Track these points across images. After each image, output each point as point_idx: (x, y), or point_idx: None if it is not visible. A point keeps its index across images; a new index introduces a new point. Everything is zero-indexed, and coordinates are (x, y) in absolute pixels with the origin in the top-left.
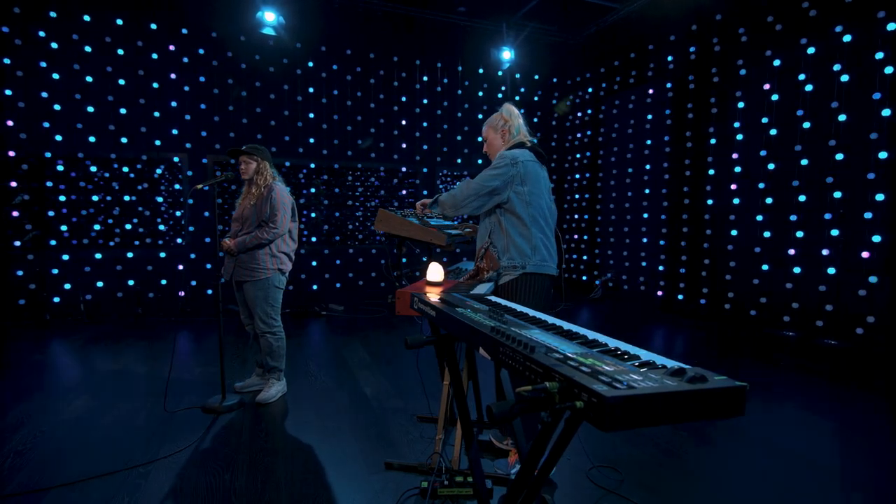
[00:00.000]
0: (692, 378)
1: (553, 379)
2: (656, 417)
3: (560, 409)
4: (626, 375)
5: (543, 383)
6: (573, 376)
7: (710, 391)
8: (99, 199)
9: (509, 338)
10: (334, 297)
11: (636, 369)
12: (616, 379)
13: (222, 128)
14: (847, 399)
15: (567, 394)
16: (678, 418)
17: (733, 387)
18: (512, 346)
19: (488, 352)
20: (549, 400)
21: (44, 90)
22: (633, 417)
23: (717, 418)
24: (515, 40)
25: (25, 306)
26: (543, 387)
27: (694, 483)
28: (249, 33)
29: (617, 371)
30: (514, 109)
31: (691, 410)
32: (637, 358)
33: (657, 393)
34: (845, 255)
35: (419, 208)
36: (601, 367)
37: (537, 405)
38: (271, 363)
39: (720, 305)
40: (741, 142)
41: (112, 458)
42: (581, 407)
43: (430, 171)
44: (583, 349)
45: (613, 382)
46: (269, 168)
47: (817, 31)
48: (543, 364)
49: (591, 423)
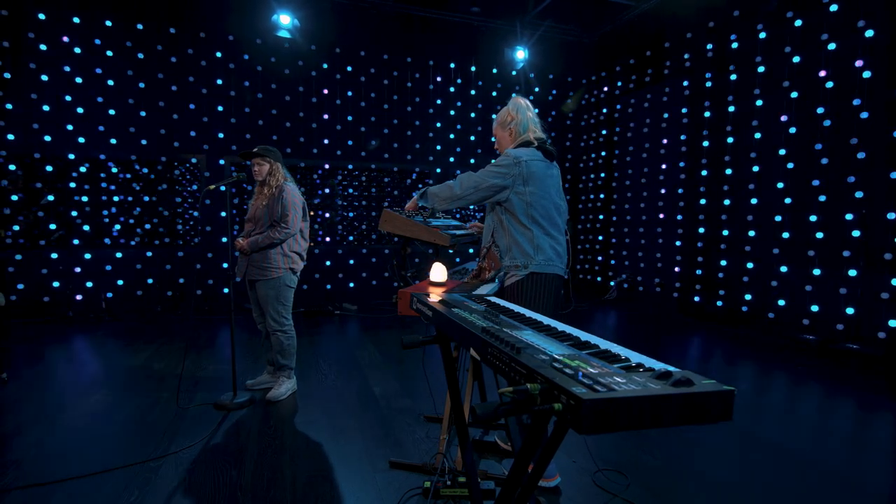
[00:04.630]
0: (677, 381)
1: (535, 380)
2: (637, 421)
3: (540, 411)
4: (609, 378)
5: (525, 385)
6: (554, 378)
7: (695, 395)
8: (120, 200)
9: (498, 339)
10: (348, 297)
11: (621, 372)
12: (598, 381)
13: (239, 129)
14: (874, 407)
15: (548, 395)
16: (661, 422)
17: (720, 391)
18: (499, 346)
19: (478, 352)
20: (531, 401)
21: (67, 94)
22: (611, 420)
23: (703, 423)
24: (529, 39)
25: (49, 303)
26: (525, 388)
27: (701, 488)
28: (265, 36)
29: (601, 373)
30: (521, 103)
31: (675, 414)
32: (626, 360)
33: (638, 396)
34: (867, 256)
35: (411, 207)
36: (586, 369)
37: (520, 407)
38: (282, 361)
39: (738, 307)
40: (759, 140)
41: (125, 452)
42: (560, 409)
43: (443, 171)
44: (572, 351)
45: (595, 385)
46: (282, 169)
47: (838, 26)
48: (527, 365)
49: (570, 426)
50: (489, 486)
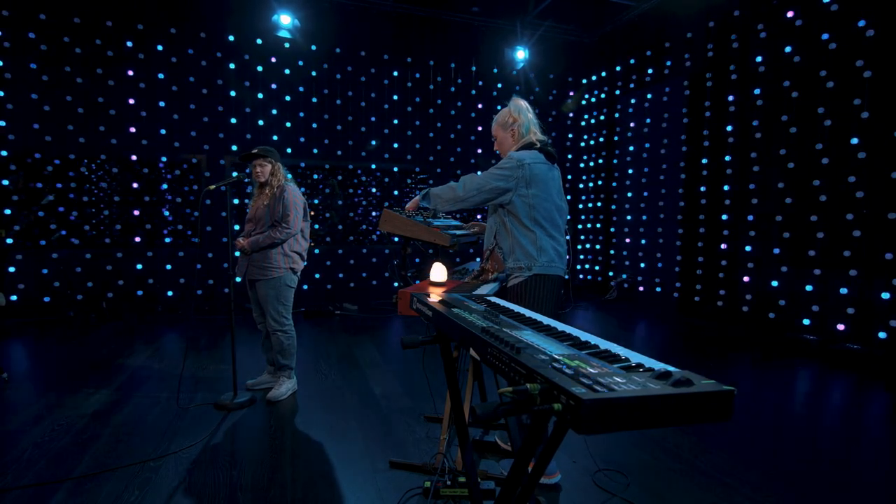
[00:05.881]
0: (677, 381)
1: (535, 380)
2: (637, 421)
3: (540, 411)
4: (608, 378)
5: (525, 385)
6: (553, 378)
7: (694, 395)
8: (120, 200)
9: (498, 339)
10: (348, 297)
11: (621, 372)
12: (598, 381)
13: (239, 129)
14: (874, 407)
15: (548, 396)
16: (661, 422)
17: (720, 391)
18: (499, 346)
19: (478, 352)
20: (530, 402)
21: (68, 94)
22: (611, 421)
23: (702, 422)
24: (530, 39)
25: (50, 303)
26: (524, 388)
27: (701, 488)
28: (266, 36)
29: (601, 373)
30: (522, 104)
31: (675, 414)
32: (625, 360)
33: (638, 396)
34: (868, 256)
35: (412, 207)
36: (586, 369)
37: (519, 407)
38: (282, 361)
39: (738, 307)
40: (760, 140)
41: (125, 452)
42: (559, 409)
43: (443, 171)
44: (571, 351)
45: (594, 385)
46: (282, 168)
47: (839, 26)
48: (527, 365)
49: (569, 426)
50: (489, 485)
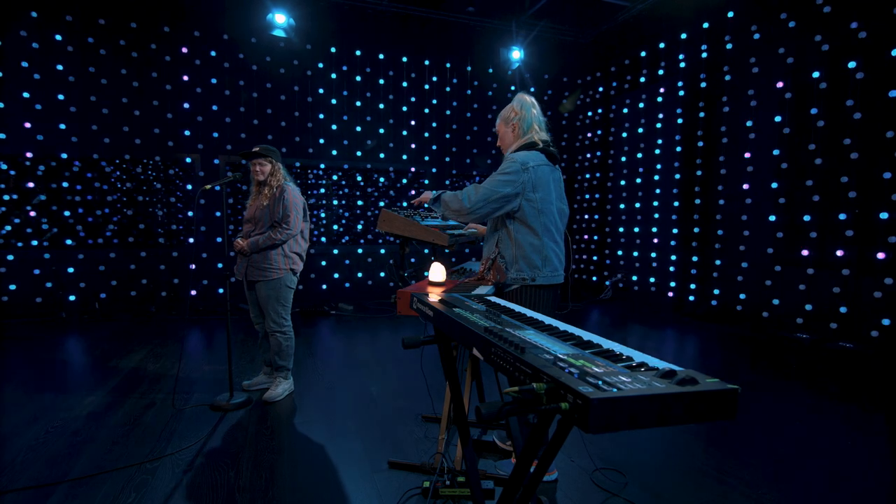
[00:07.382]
0: (682, 380)
1: (541, 380)
2: (643, 420)
3: (546, 411)
4: (614, 377)
5: (531, 384)
6: (560, 377)
7: (699, 394)
8: (114, 200)
9: (501, 338)
10: (344, 297)
11: (626, 371)
12: (604, 380)
13: (234, 129)
14: (867, 405)
15: (554, 395)
16: (666, 421)
17: (724, 389)
18: (503, 346)
19: (481, 352)
20: (537, 401)
21: (60, 93)
22: (618, 419)
23: (707, 421)
24: (525, 39)
25: (42, 304)
26: (531, 388)
27: (699, 488)
28: (260, 35)
29: (606, 373)
30: (526, 100)
31: (680, 413)
32: (629, 360)
33: (644, 395)
34: (860, 255)
35: (418, 202)
36: (591, 368)
37: (525, 406)
38: (279, 362)
39: (732, 307)
40: (753, 140)
41: (121, 454)
42: (566, 408)
43: (439, 171)
44: (575, 350)
45: (601, 384)
46: (282, 169)
47: (832, 27)
48: (532, 365)
49: (577, 425)
50: (488, 485)
